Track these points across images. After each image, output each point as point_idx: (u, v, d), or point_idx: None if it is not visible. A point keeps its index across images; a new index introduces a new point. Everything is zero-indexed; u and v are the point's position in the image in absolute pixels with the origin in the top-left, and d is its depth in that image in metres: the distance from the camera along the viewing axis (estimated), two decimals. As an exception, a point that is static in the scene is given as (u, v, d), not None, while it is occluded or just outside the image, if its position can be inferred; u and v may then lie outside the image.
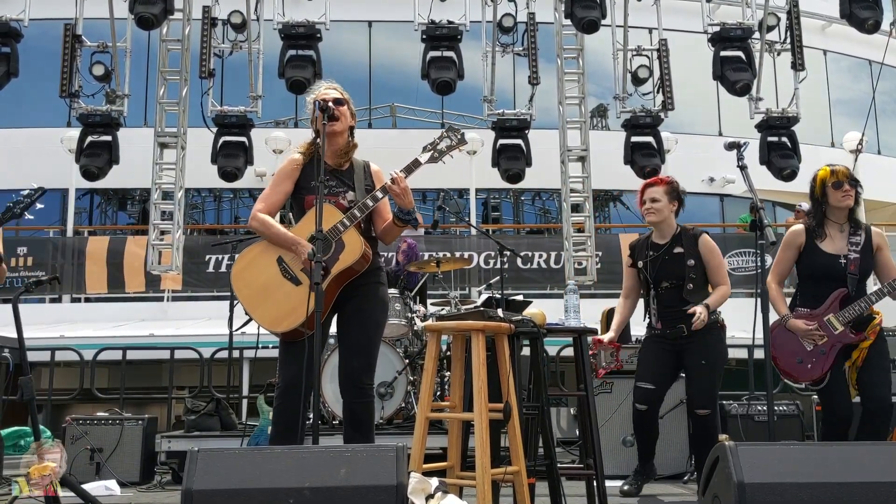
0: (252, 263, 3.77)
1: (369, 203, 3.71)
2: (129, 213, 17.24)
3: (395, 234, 3.91)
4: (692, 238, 4.71)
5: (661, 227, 4.76)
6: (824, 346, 4.22)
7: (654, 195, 4.73)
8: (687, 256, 4.64)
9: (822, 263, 4.28)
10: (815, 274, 4.32)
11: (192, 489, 2.63)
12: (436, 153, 3.81)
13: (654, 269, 4.69)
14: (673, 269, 4.65)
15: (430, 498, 2.88)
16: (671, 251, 4.69)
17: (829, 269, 4.27)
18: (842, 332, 4.20)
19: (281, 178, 3.87)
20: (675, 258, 4.67)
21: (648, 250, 4.76)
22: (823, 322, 4.23)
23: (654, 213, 4.72)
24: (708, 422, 4.54)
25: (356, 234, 3.68)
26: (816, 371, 4.24)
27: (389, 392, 6.00)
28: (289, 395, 3.65)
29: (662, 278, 4.67)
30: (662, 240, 4.75)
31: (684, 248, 4.68)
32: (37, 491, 3.46)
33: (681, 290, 4.61)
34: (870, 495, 2.71)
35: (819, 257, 4.29)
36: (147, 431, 5.77)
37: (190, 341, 8.46)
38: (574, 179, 9.20)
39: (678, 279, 4.63)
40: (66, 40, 8.41)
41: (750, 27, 8.64)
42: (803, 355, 4.25)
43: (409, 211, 3.75)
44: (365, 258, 3.70)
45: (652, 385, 4.59)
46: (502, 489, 3.71)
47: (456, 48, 8.47)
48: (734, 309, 5.41)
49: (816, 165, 4.72)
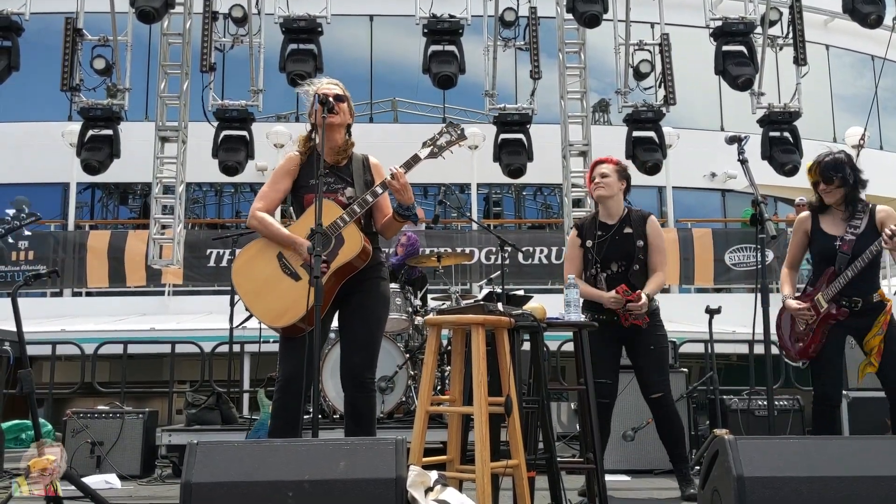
0: (253, 259, 3.77)
1: (369, 199, 3.70)
2: (131, 207, 17.24)
3: (396, 229, 3.91)
4: (640, 219, 4.67)
5: (609, 206, 4.68)
6: (813, 324, 4.26)
7: (604, 171, 4.69)
8: (636, 237, 4.60)
9: (820, 245, 4.33)
10: (815, 256, 4.38)
11: (192, 482, 2.63)
12: (435, 149, 3.79)
13: (603, 250, 4.61)
14: (622, 250, 4.59)
15: (429, 491, 2.88)
16: (621, 231, 4.63)
17: (825, 250, 4.31)
18: (825, 310, 4.23)
19: (279, 176, 3.87)
20: (624, 238, 4.61)
21: (597, 230, 4.67)
22: (814, 301, 4.27)
23: (604, 187, 4.64)
24: (665, 402, 4.56)
25: (356, 229, 3.67)
26: (809, 347, 4.28)
27: (390, 386, 6.01)
28: (288, 389, 3.65)
29: (612, 259, 4.59)
30: (611, 220, 4.67)
31: (633, 228, 4.63)
32: (37, 491, 3.46)
33: (628, 272, 4.56)
34: (869, 489, 2.71)
35: (818, 238, 4.34)
36: (148, 425, 5.78)
37: (191, 335, 8.46)
38: (575, 174, 9.19)
39: (626, 260, 4.57)
40: (66, 34, 8.41)
41: (752, 22, 8.63)
42: (798, 334, 4.34)
43: (408, 206, 3.74)
44: (364, 253, 3.70)
45: (609, 380, 4.53)
46: (502, 483, 3.71)
47: (457, 42, 8.46)
48: (736, 304, 5.41)
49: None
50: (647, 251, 4.60)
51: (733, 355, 9.70)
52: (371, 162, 3.94)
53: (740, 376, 9.31)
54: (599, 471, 3.91)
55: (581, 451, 4.18)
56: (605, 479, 3.96)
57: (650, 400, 4.58)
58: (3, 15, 8.04)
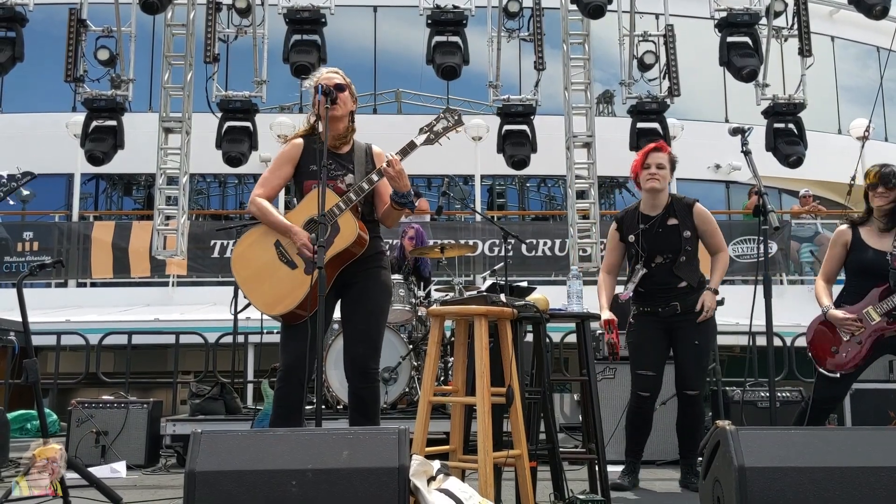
0: (251, 247, 3.78)
1: (364, 187, 3.68)
2: (135, 198, 17.29)
3: (395, 218, 3.87)
4: (685, 207, 4.54)
5: (657, 197, 4.56)
6: (860, 336, 4.21)
7: (661, 161, 4.52)
8: (682, 227, 4.48)
9: (866, 259, 4.27)
10: (860, 269, 4.30)
11: (196, 470, 2.65)
12: (432, 135, 3.74)
13: (648, 242, 4.51)
14: (668, 242, 4.48)
15: (431, 480, 2.89)
16: (665, 223, 4.51)
17: (873, 265, 4.24)
18: (878, 323, 4.20)
19: (281, 162, 3.86)
20: (669, 230, 4.50)
21: (640, 223, 4.55)
22: (862, 314, 4.22)
23: (659, 179, 4.50)
24: (696, 401, 4.54)
25: (351, 217, 3.66)
26: (851, 360, 4.23)
27: (393, 377, 6.02)
28: (289, 380, 3.65)
29: (657, 252, 4.49)
30: (654, 211, 4.55)
31: (679, 218, 4.51)
32: (37, 491, 3.47)
33: (672, 265, 4.48)
34: (871, 480, 2.72)
35: (864, 253, 4.28)
36: (152, 415, 5.80)
37: (195, 326, 8.50)
38: (579, 166, 9.18)
39: (673, 252, 4.47)
40: (70, 25, 8.40)
41: (757, 13, 8.59)
42: (839, 345, 4.25)
43: (404, 194, 3.68)
44: (360, 241, 3.68)
45: (653, 372, 4.50)
46: (504, 473, 3.73)
47: (461, 33, 8.44)
48: (737, 296, 5.40)
49: (823, 152, 4.71)
50: (695, 241, 4.53)
51: (736, 347, 9.72)
52: (374, 151, 3.93)
53: (743, 368, 9.32)
54: (601, 461, 3.92)
55: (583, 441, 4.19)
56: (608, 470, 3.97)
57: (684, 395, 4.55)
58: (8, 6, 8.04)
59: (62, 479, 3.52)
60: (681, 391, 4.57)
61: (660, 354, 4.55)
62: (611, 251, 4.70)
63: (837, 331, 4.26)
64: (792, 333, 7.69)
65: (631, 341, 4.64)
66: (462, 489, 2.93)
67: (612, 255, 4.69)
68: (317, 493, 2.61)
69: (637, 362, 4.58)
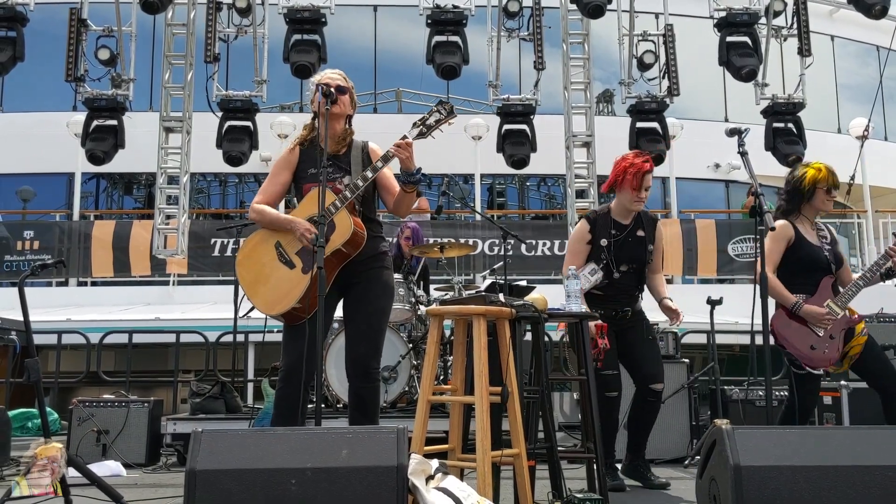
0: (254, 250, 3.81)
1: (359, 183, 3.67)
2: (135, 197, 17.30)
3: (409, 202, 3.83)
4: (651, 221, 4.69)
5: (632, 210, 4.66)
6: (832, 330, 4.25)
7: (649, 184, 4.58)
8: (647, 241, 4.62)
9: (812, 254, 4.34)
10: (804, 265, 4.34)
11: (196, 469, 2.67)
12: (424, 128, 3.72)
13: (617, 251, 4.56)
14: (635, 253, 4.59)
15: (430, 479, 2.91)
16: (634, 233, 4.61)
17: (816, 259, 4.34)
18: (843, 316, 4.27)
19: (279, 169, 3.89)
20: (637, 241, 4.61)
21: (612, 229, 4.59)
22: (826, 308, 4.26)
23: (643, 202, 4.59)
24: (659, 396, 4.62)
25: (346, 215, 3.65)
26: (833, 355, 4.25)
27: (393, 376, 6.04)
28: (290, 380, 3.67)
29: (623, 261, 4.57)
30: (625, 220, 4.62)
31: (645, 231, 4.63)
32: (38, 490, 3.49)
33: (637, 274, 4.60)
34: (866, 479, 2.74)
35: (808, 248, 4.35)
36: (153, 414, 5.82)
37: (195, 325, 8.52)
38: (579, 165, 9.19)
39: (637, 263, 4.58)
40: (71, 24, 8.41)
41: (756, 12, 8.60)
42: (816, 341, 4.25)
43: (413, 172, 3.67)
44: (355, 239, 3.66)
45: (616, 370, 4.55)
46: (502, 471, 3.75)
47: (461, 33, 8.45)
48: (738, 295, 5.42)
49: (822, 152, 4.74)
50: (653, 255, 4.66)
51: (735, 346, 9.73)
52: (371, 148, 3.93)
53: (742, 367, 9.34)
54: (599, 460, 3.94)
55: (582, 440, 4.20)
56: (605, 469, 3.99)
57: (650, 390, 4.58)
58: (8, 5, 8.05)
59: (63, 478, 3.54)
60: (646, 387, 4.59)
61: (616, 354, 4.60)
62: (578, 253, 4.60)
63: (810, 326, 4.26)
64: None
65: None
66: (460, 488, 2.95)
67: (579, 258, 4.59)
68: (316, 492, 2.63)
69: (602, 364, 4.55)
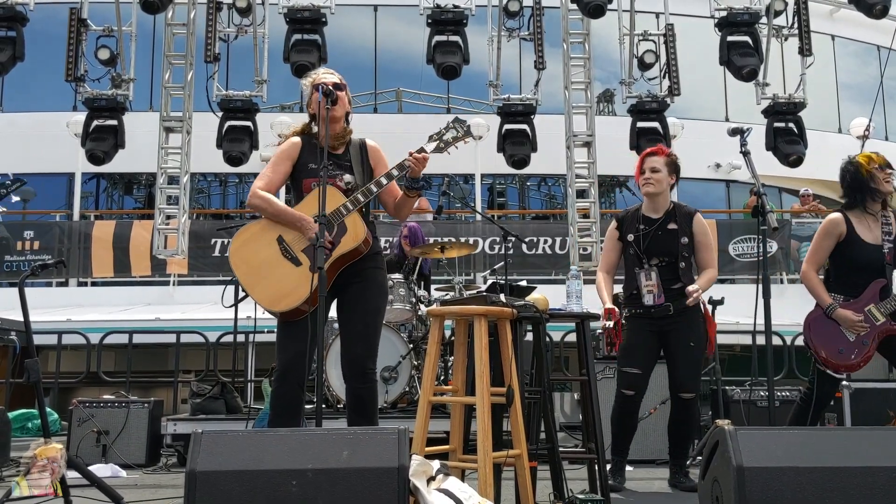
0: (250, 240, 3.75)
1: (373, 189, 3.68)
2: (136, 197, 17.29)
3: (409, 206, 3.87)
4: (686, 215, 4.58)
5: (656, 201, 4.59)
6: (866, 336, 4.15)
7: (654, 165, 4.56)
8: (680, 233, 4.51)
9: (862, 254, 4.19)
10: (855, 264, 4.22)
11: (196, 470, 2.66)
12: (441, 143, 3.76)
13: (646, 244, 4.52)
14: (665, 246, 4.51)
15: (431, 480, 2.90)
16: (665, 227, 4.54)
17: (869, 260, 4.19)
18: (883, 323, 4.15)
19: (280, 159, 3.85)
20: (668, 234, 4.52)
21: (639, 224, 4.57)
22: (864, 312, 4.16)
23: (654, 183, 4.54)
24: (692, 405, 4.51)
25: (358, 218, 3.67)
26: (860, 361, 4.17)
27: (393, 377, 6.03)
28: (287, 380, 3.65)
29: (654, 254, 4.51)
30: (655, 214, 4.59)
31: (678, 224, 4.54)
32: (37, 491, 3.48)
33: (671, 268, 4.49)
34: (869, 480, 2.72)
35: (859, 247, 4.20)
36: (153, 414, 5.82)
37: (196, 325, 8.51)
38: (579, 165, 9.19)
39: (670, 256, 4.50)
40: (71, 24, 8.40)
41: (757, 12, 8.59)
42: (845, 345, 4.17)
43: (418, 179, 3.70)
44: (366, 242, 3.70)
45: (639, 370, 4.47)
46: (504, 472, 3.74)
47: (461, 32, 8.44)
48: (739, 295, 5.41)
49: (823, 151, 4.72)
50: (691, 248, 4.54)
51: (737, 346, 9.72)
52: (369, 145, 3.92)
53: (743, 367, 9.33)
54: (600, 460, 3.93)
55: (583, 441, 4.19)
56: (607, 469, 3.98)
57: (679, 398, 4.51)
58: (8, 5, 8.04)
59: (63, 479, 3.53)
60: (676, 394, 4.52)
61: (649, 355, 4.54)
62: (609, 251, 4.71)
63: (842, 330, 4.18)
64: (792, 332, 7.69)
65: (621, 341, 4.59)
66: (462, 489, 2.94)
67: (611, 255, 4.69)
68: (317, 493, 2.62)
69: (624, 360, 4.54)
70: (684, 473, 4.63)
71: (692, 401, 4.51)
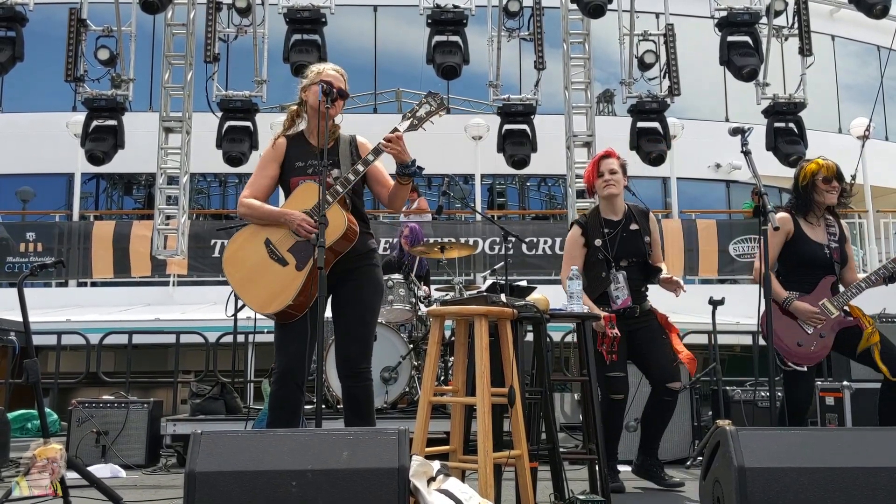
0: (241, 247, 3.76)
1: (351, 178, 3.63)
2: (135, 197, 17.30)
3: (403, 195, 3.81)
4: (643, 215, 4.71)
5: (615, 203, 4.67)
6: (823, 329, 4.28)
7: (612, 166, 4.65)
8: (643, 233, 4.63)
9: (809, 251, 4.36)
10: (803, 261, 4.38)
11: (196, 471, 2.65)
12: (415, 120, 3.70)
13: (614, 247, 4.58)
14: (632, 247, 4.60)
15: (431, 480, 2.89)
16: (627, 228, 4.64)
17: (815, 257, 4.35)
18: (837, 317, 4.29)
19: (265, 162, 3.85)
20: (632, 235, 4.63)
21: (602, 227, 4.63)
22: (819, 307, 4.30)
23: (615, 184, 4.63)
24: (676, 395, 4.57)
25: (339, 210, 3.61)
26: (820, 353, 4.30)
27: (393, 377, 6.02)
28: (286, 381, 3.64)
29: (622, 256, 4.58)
30: (615, 216, 4.66)
31: (639, 224, 4.65)
32: (37, 491, 3.47)
33: (637, 267, 4.58)
34: (870, 480, 2.72)
35: (807, 245, 4.37)
36: (152, 415, 5.80)
37: (195, 326, 8.50)
38: (580, 165, 9.16)
39: (637, 256, 4.59)
40: (71, 24, 8.39)
41: (757, 12, 8.58)
42: (803, 338, 4.29)
43: (408, 164, 3.64)
44: (349, 235, 3.62)
45: (623, 373, 4.50)
46: (504, 473, 3.73)
47: (461, 33, 8.43)
48: (739, 295, 5.40)
49: (824, 151, 4.73)
50: (651, 247, 4.65)
51: (737, 346, 9.72)
52: (359, 141, 3.89)
53: (744, 367, 9.32)
54: (601, 461, 3.92)
55: (584, 441, 4.19)
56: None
57: (667, 389, 4.53)
58: (8, 5, 8.03)
59: (62, 479, 3.52)
60: (662, 386, 4.54)
61: (625, 357, 4.57)
62: (575, 258, 4.62)
63: (799, 323, 4.30)
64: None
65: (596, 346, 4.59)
66: (462, 490, 2.93)
67: (577, 262, 4.60)
68: (317, 494, 2.62)
69: (607, 364, 4.48)
70: (661, 466, 4.68)
71: (678, 391, 4.57)
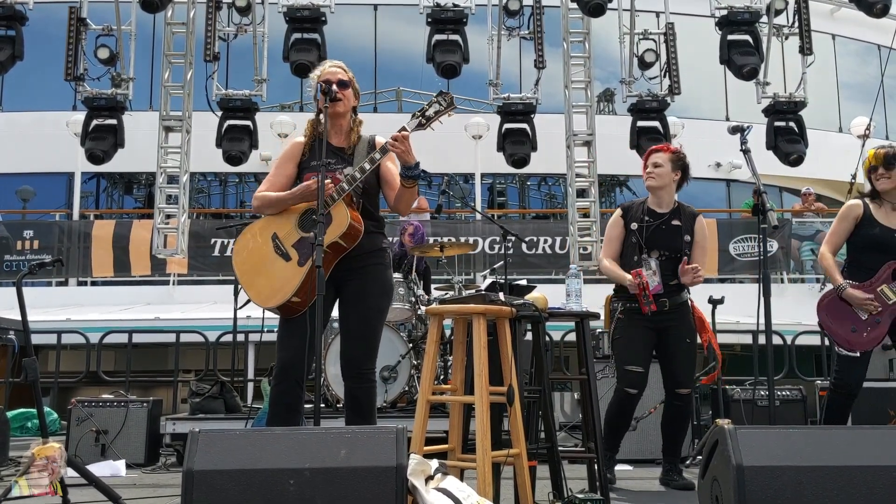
0: (250, 241, 3.77)
1: (357, 175, 3.61)
2: (135, 196, 17.29)
3: (410, 198, 3.76)
4: (690, 216, 4.64)
5: (661, 196, 4.62)
6: (879, 315, 4.28)
7: (657, 160, 4.61)
8: (684, 231, 4.56)
9: (876, 235, 4.35)
10: (867, 245, 4.38)
11: (193, 469, 2.64)
12: (423, 119, 3.67)
13: (648, 235, 4.54)
14: (668, 240, 4.54)
15: (430, 479, 2.89)
16: (669, 222, 4.58)
17: (883, 242, 4.33)
18: (894, 303, 4.27)
19: (283, 161, 3.85)
20: (672, 230, 4.56)
21: (644, 215, 4.60)
22: (877, 293, 4.29)
23: (655, 177, 4.59)
24: (689, 400, 4.56)
25: (344, 207, 3.60)
26: (874, 339, 4.30)
27: (393, 376, 6.03)
28: (286, 377, 3.63)
29: (655, 247, 4.52)
30: (660, 209, 4.62)
31: (682, 222, 4.59)
32: (37, 491, 3.47)
33: (671, 263, 4.50)
34: (869, 479, 2.71)
35: (874, 229, 4.36)
36: (152, 414, 5.80)
37: (195, 325, 8.50)
38: (580, 164, 9.17)
39: (671, 251, 4.52)
40: (70, 23, 8.39)
41: (758, 11, 8.58)
42: (858, 324, 4.30)
43: (412, 166, 3.62)
44: (352, 232, 3.60)
45: (642, 368, 4.46)
46: (503, 472, 3.72)
47: (461, 31, 8.43)
48: (739, 294, 5.40)
49: (824, 151, 4.74)
50: (691, 248, 4.57)
51: (737, 345, 9.71)
52: (377, 141, 3.86)
53: (743, 366, 9.31)
54: (600, 460, 3.92)
55: (583, 440, 4.18)
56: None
57: (676, 394, 4.53)
58: (7, 4, 8.03)
59: (62, 479, 3.52)
60: (673, 390, 4.55)
61: (647, 352, 4.54)
62: (614, 239, 4.67)
63: (854, 309, 4.30)
64: (793, 332, 7.68)
65: (618, 337, 4.59)
66: (460, 488, 2.93)
67: (615, 244, 4.66)
68: (314, 493, 2.61)
69: (625, 358, 4.51)
70: (678, 471, 4.64)
71: (689, 396, 4.55)
